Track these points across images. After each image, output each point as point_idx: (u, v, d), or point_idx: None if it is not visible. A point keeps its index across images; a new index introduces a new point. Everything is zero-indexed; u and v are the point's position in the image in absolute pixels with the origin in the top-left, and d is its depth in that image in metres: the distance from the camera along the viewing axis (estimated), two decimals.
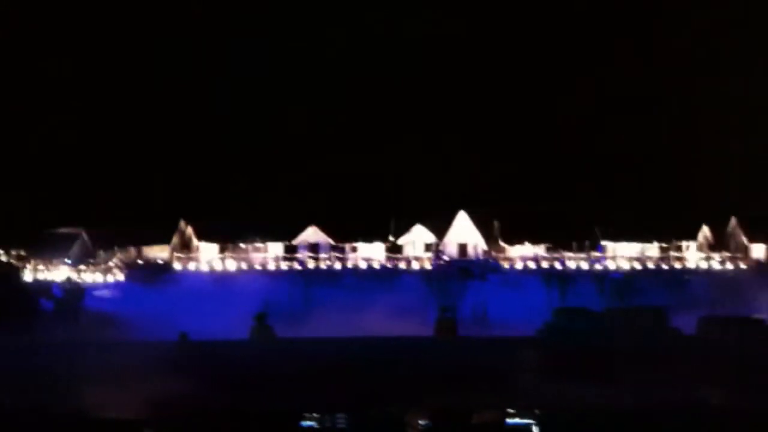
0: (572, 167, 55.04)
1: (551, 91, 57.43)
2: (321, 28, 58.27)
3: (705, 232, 47.24)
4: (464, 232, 47.91)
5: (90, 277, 44.33)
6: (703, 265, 45.31)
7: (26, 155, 50.40)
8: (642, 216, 47.81)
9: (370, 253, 46.33)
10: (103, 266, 45.24)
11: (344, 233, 47.14)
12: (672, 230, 46.77)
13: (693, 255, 46.16)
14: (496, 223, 48.76)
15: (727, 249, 46.37)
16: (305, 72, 57.16)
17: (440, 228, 48.34)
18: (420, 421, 14.79)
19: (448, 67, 57.81)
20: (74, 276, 43.62)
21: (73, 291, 40.87)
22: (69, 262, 44.84)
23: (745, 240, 46.60)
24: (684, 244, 46.70)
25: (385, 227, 48.21)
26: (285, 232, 47.21)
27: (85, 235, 46.95)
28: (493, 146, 54.63)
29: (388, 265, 45.14)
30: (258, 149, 53.44)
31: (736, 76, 53.16)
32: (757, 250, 46.28)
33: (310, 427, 13.85)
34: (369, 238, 47.16)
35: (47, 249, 44.96)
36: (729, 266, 45.05)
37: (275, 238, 46.73)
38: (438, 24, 58.31)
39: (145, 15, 57.72)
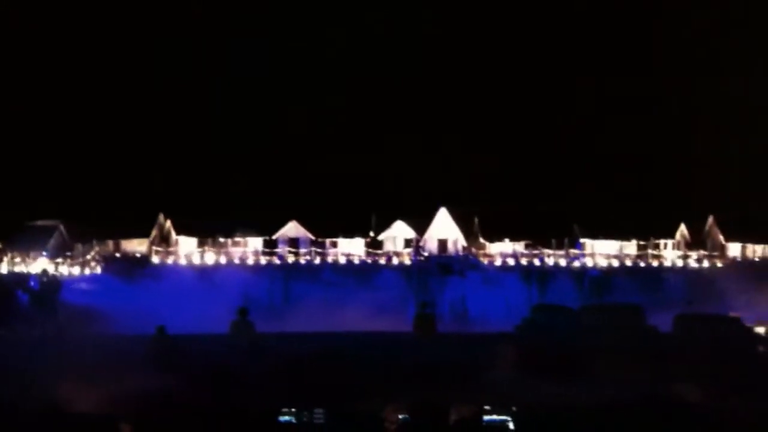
0: (553, 165, 55.32)
1: (539, 90, 57.69)
2: (321, 28, 58.25)
3: (682, 230, 47.65)
4: (444, 229, 48.01)
5: (67, 270, 44.01)
6: (680, 263, 45.71)
7: (3, 148, 49.90)
8: (621, 214, 48.12)
9: (350, 249, 46.30)
10: (80, 259, 44.90)
11: (324, 228, 47.07)
12: (650, 228, 47.13)
13: (670, 253, 46.54)
14: (476, 220, 48.91)
15: (704, 247, 46.79)
16: (305, 72, 57.19)
17: (421, 224, 48.40)
18: (398, 416, 14.80)
19: (448, 67, 58.00)
20: (51, 269, 43.26)
21: (50, 284, 40.49)
22: (46, 254, 44.47)
23: (721, 239, 47.04)
24: (662, 242, 47.09)
25: (366, 223, 48.20)
26: (265, 226, 47.09)
27: (62, 228, 46.58)
28: (475, 143, 54.79)
29: (368, 261, 45.14)
30: (257, 149, 53.35)
31: (721, 77, 53.62)
32: (734, 249, 46.76)
33: (287, 422, 13.80)
34: (349, 234, 47.13)
35: (24, 241, 44.55)
36: (705, 264, 45.47)
37: (255, 233, 46.60)
38: (438, 24, 58.50)
39: (145, 15, 57.48)
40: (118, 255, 44.92)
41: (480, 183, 53.38)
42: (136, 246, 45.70)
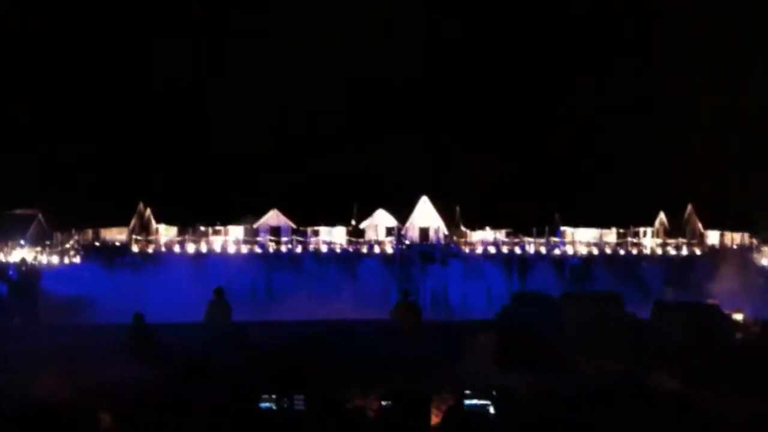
0: (535, 156, 55.62)
1: (529, 86, 58.06)
2: (321, 28, 58.22)
3: (662, 218, 48.06)
4: (426, 217, 48.11)
5: (46, 258, 43.72)
6: (659, 251, 46.12)
7: None
8: (601, 202, 48.45)
9: (331, 237, 46.29)
10: (59, 248, 44.60)
11: (306, 217, 47.05)
12: (630, 216, 47.49)
13: (649, 241, 46.95)
14: (457, 209, 49.06)
15: (683, 235, 47.22)
16: (305, 72, 57.18)
17: (402, 212, 48.50)
18: (378, 403, 14.83)
19: (447, 66, 58.16)
20: (30, 258, 42.92)
21: (29, 273, 40.13)
22: (25, 244, 44.14)
23: (700, 227, 47.49)
24: (641, 230, 47.45)
25: (348, 211, 48.22)
26: (246, 215, 46.98)
27: (41, 217, 46.25)
28: (474, 143, 55.02)
29: (350, 249, 45.17)
30: (257, 149, 53.27)
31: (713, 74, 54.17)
32: (712, 237, 47.23)
33: (268, 409, 13.78)
34: (331, 222, 47.12)
35: (2, 231, 44.21)
36: (684, 252, 45.92)
37: (236, 222, 46.49)
38: (438, 24, 58.62)
39: (145, 15, 57.24)
40: (97, 244, 44.69)
41: (463, 174, 53.68)
42: (116, 234, 45.51)
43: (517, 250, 44.73)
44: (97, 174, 50.21)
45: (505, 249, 44.94)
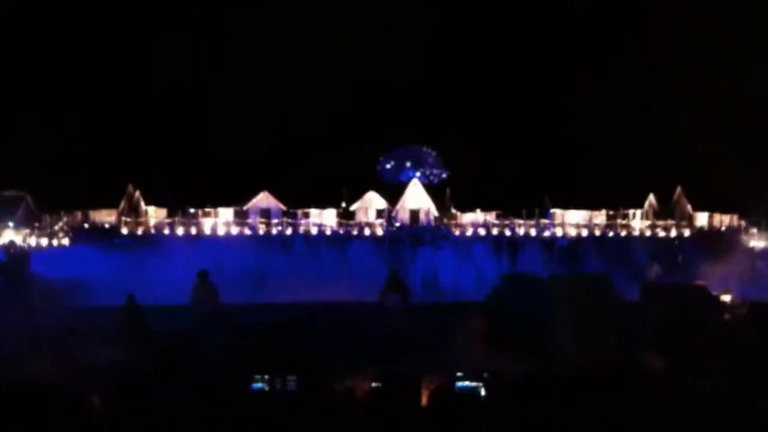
0: (526, 137, 55.77)
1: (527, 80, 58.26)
2: (321, 28, 58.11)
3: (651, 200, 48.24)
4: (416, 199, 48.15)
5: (35, 241, 43.54)
6: (648, 232, 46.33)
7: None
8: (590, 184, 48.63)
9: (322, 219, 46.27)
10: (48, 230, 44.43)
11: (296, 199, 47.01)
12: (619, 198, 47.66)
13: (639, 223, 47.15)
14: (447, 191, 49.13)
15: (672, 217, 47.44)
16: (305, 72, 57.14)
17: (393, 194, 48.53)
18: (369, 384, 14.88)
19: (447, 67, 58.20)
20: (19, 240, 42.75)
21: (18, 255, 40.02)
22: (13, 226, 43.95)
23: (689, 208, 47.71)
24: (630, 212, 47.64)
25: (338, 193, 48.22)
26: (236, 197, 46.89)
27: (29, 199, 46.03)
28: (473, 143, 55.15)
29: (340, 231, 45.17)
30: (257, 149, 53.23)
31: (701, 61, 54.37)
32: (701, 219, 47.47)
33: (260, 390, 13.83)
34: (321, 204, 47.10)
35: None
36: (673, 234, 46.14)
37: (226, 204, 46.40)
38: (438, 24, 58.56)
39: (145, 15, 56.97)
40: (86, 225, 44.53)
41: (454, 158, 53.84)
42: (105, 217, 45.33)
43: (507, 232, 44.82)
44: (86, 155, 50.01)
45: (495, 231, 45.03)
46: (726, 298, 24.65)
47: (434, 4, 59.20)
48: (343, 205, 47.59)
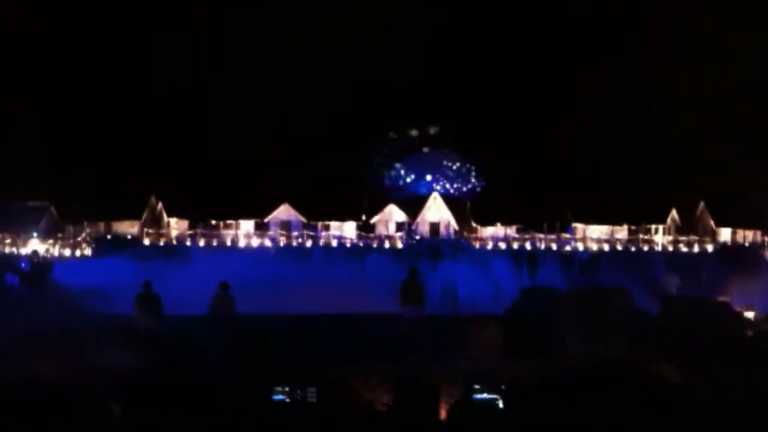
0: (548, 153, 55.57)
1: (538, 84, 58.15)
2: (321, 28, 58.48)
3: (673, 215, 47.91)
4: (436, 212, 48.14)
5: (58, 251, 43.98)
6: (671, 247, 45.98)
7: None
8: (612, 199, 48.35)
9: (341, 232, 46.39)
10: (71, 241, 44.87)
11: (317, 211, 47.16)
12: (641, 213, 47.34)
13: (661, 238, 46.82)
14: (468, 204, 49.06)
15: (694, 232, 47.06)
16: (305, 72, 57.50)
17: (413, 207, 48.55)
18: (387, 395, 14.84)
19: (447, 66, 58.33)
20: (42, 250, 43.21)
21: (41, 265, 40.41)
22: (36, 236, 44.41)
23: (712, 224, 47.30)
24: (653, 227, 47.32)
25: (358, 206, 48.31)
26: (257, 209, 47.12)
27: (53, 209, 46.52)
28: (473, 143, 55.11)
29: (360, 244, 45.24)
30: (257, 149, 53.58)
31: (719, 68, 53.99)
32: (724, 234, 47.03)
33: (281, 401, 13.81)
34: (341, 217, 47.22)
35: (14, 222, 44.51)
36: (696, 249, 45.75)
37: (247, 216, 46.63)
38: (438, 24, 58.76)
39: (146, 15, 57.64)
40: (109, 237, 44.95)
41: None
42: (128, 228, 45.76)
43: (528, 246, 44.67)
44: (109, 167, 50.50)
45: (515, 245, 44.89)
46: (749, 314, 24.34)
47: (434, 4, 59.32)
48: (363, 217, 47.66)
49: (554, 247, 44.53)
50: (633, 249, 45.20)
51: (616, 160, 52.56)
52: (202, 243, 44.29)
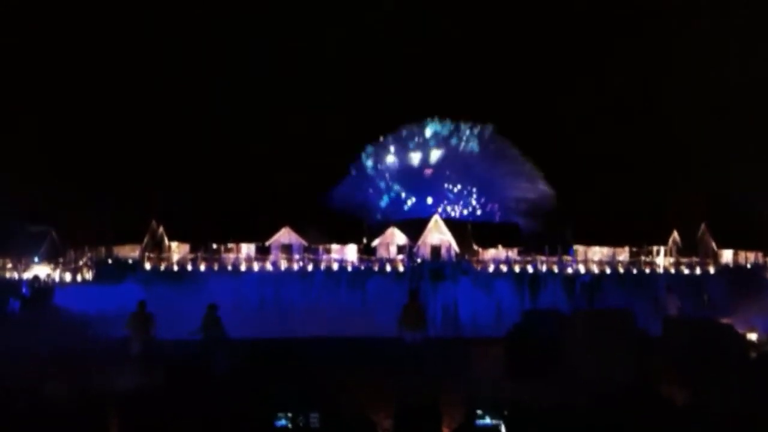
0: (547, 171, 55.60)
1: (535, 91, 58.27)
2: (321, 28, 58.92)
3: (675, 237, 47.85)
4: (437, 235, 48.08)
5: (59, 276, 43.90)
6: (672, 269, 45.86)
7: None
8: (614, 221, 48.30)
9: (343, 255, 46.31)
10: (72, 265, 44.80)
11: (318, 235, 47.10)
12: (643, 235, 47.28)
13: (662, 260, 46.72)
14: (469, 227, 49.02)
15: (696, 254, 46.97)
16: (305, 72, 57.84)
17: (414, 230, 48.50)
18: (389, 420, 14.75)
19: (447, 66, 58.57)
20: (43, 274, 43.15)
21: (42, 290, 40.36)
22: (38, 260, 44.39)
23: (713, 245, 47.21)
24: (654, 248, 47.23)
25: (359, 229, 48.27)
26: (258, 233, 47.07)
27: (54, 234, 46.51)
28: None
29: (361, 267, 45.15)
30: (257, 149, 53.80)
31: (719, 80, 54.13)
32: (726, 255, 46.94)
33: (284, 427, 13.71)
34: (342, 240, 47.16)
35: (15, 247, 44.51)
36: (698, 271, 45.63)
37: (248, 239, 46.57)
38: (438, 24, 59.12)
39: (146, 15, 58.03)
40: (110, 261, 44.87)
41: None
42: (129, 252, 45.68)
43: (529, 269, 44.58)
44: (109, 191, 50.58)
45: (517, 267, 44.80)
46: (752, 336, 24.24)
47: (434, 4, 59.67)
48: (364, 240, 47.63)
49: (556, 269, 44.42)
50: (635, 271, 45.08)
51: (619, 183, 52.67)
52: (203, 267, 44.17)
